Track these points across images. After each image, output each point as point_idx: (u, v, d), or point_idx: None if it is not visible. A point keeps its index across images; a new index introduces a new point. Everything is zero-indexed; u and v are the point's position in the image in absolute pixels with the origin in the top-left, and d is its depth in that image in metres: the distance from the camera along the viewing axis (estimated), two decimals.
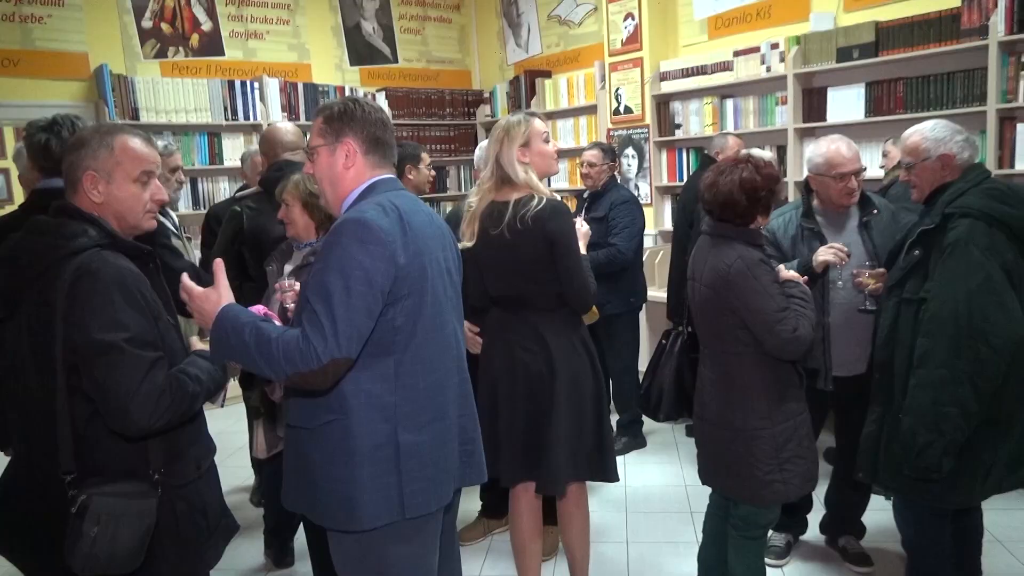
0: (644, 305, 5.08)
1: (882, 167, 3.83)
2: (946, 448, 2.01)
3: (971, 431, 2.03)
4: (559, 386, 2.29)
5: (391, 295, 1.55)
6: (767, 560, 2.79)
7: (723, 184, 2.17)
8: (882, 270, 2.38)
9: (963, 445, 2.04)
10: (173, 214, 3.27)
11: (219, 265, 1.63)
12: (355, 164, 1.67)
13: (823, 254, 2.43)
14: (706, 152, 4.02)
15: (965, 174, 2.14)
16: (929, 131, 2.19)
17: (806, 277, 2.36)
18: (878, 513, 2.97)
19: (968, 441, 2.04)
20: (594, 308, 2.46)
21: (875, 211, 2.64)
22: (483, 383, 2.35)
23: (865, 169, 2.61)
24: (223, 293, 1.59)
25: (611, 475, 2.42)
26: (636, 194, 5.20)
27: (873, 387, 2.29)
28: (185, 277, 1.63)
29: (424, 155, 3.40)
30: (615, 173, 3.96)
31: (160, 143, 3.01)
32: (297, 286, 2.03)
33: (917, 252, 2.14)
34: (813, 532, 2.98)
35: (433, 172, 3.82)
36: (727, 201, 2.17)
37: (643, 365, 2.78)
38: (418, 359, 1.62)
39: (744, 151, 2.65)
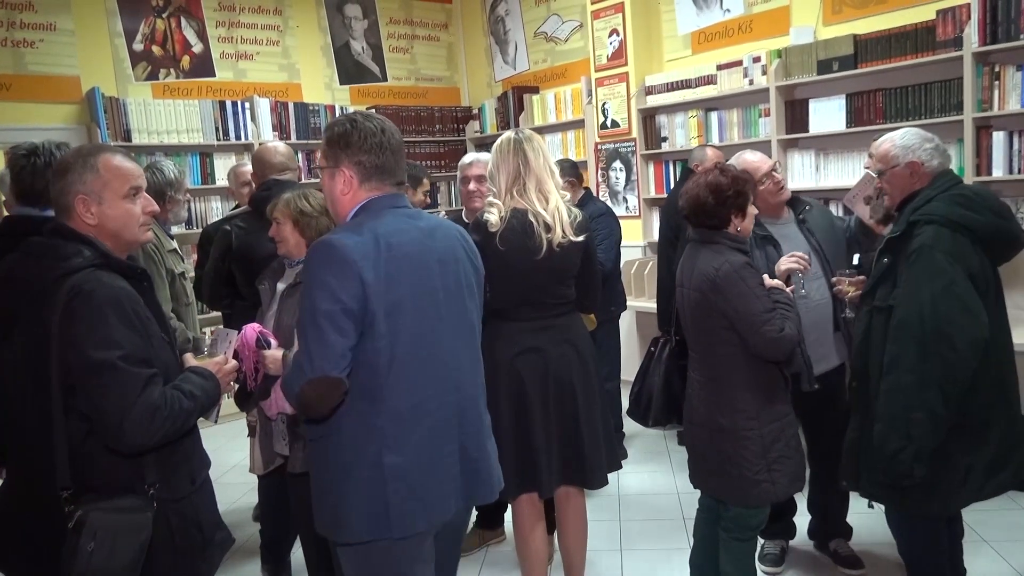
0: (634, 315, 5.13)
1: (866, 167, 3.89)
2: (917, 454, 2.02)
3: (942, 436, 2.03)
4: (589, 381, 2.43)
5: (366, 313, 1.58)
6: (764, 568, 2.83)
7: (691, 188, 2.28)
8: (862, 277, 2.42)
9: (938, 452, 2.04)
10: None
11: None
12: (352, 190, 1.71)
13: (786, 263, 2.43)
14: (687, 164, 4.09)
15: (934, 181, 2.15)
16: (899, 139, 2.22)
17: (792, 286, 2.41)
18: (863, 515, 3.00)
19: (942, 448, 2.05)
20: (592, 316, 2.55)
21: (808, 207, 2.74)
22: (506, 398, 2.35)
23: (777, 163, 2.71)
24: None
25: (619, 463, 2.60)
26: (625, 206, 5.28)
27: (851, 395, 2.31)
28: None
29: (425, 180, 3.49)
30: (584, 188, 4.02)
31: (170, 168, 3.06)
32: None
33: (886, 260, 2.16)
34: (803, 538, 3.01)
35: (428, 200, 3.89)
36: (696, 203, 2.26)
37: (630, 374, 2.82)
38: (401, 380, 1.64)
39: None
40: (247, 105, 5.46)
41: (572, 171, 3.88)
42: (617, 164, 5.33)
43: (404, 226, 1.69)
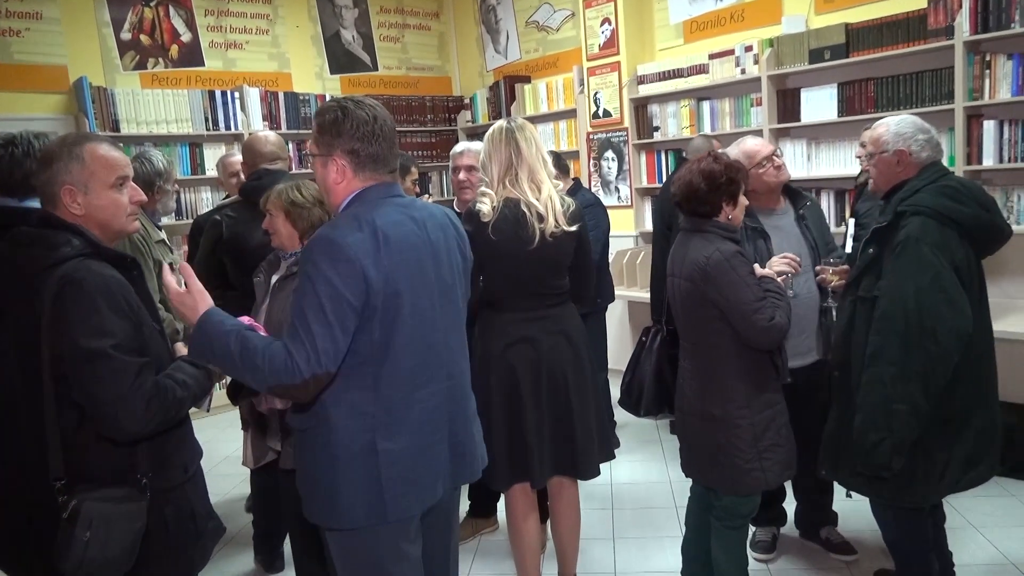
0: (626, 304, 5.13)
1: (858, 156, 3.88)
2: (895, 446, 2.02)
3: (922, 429, 2.04)
4: (582, 371, 2.42)
5: (366, 308, 1.58)
6: (755, 555, 2.84)
7: (684, 174, 2.28)
8: (845, 266, 2.42)
9: (917, 444, 2.05)
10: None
11: (187, 269, 1.66)
12: (345, 178, 1.68)
13: (777, 264, 2.39)
14: (684, 155, 4.09)
15: (921, 172, 2.15)
16: (894, 125, 2.21)
17: (784, 276, 2.42)
18: (849, 503, 3.01)
19: (921, 440, 2.05)
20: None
21: (808, 202, 2.72)
22: (498, 389, 2.35)
23: (775, 149, 2.67)
24: (197, 297, 1.62)
25: (612, 453, 2.60)
26: (617, 196, 5.28)
27: (832, 385, 2.32)
28: (166, 271, 1.69)
29: (414, 169, 3.47)
30: (572, 179, 4.00)
31: (159, 158, 3.03)
32: None
33: (872, 250, 2.16)
34: (794, 526, 3.02)
35: (417, 189, 3.87)
36: (688, 190, 2.26)
37: (622, 363, 2.83)
38: (397, 370, 1.65)
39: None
40: (237, 95, 5.42)
41: (557, 163, 3.86)
42: (609, 154, 5.32)
43: (400, 218, 1.68)
